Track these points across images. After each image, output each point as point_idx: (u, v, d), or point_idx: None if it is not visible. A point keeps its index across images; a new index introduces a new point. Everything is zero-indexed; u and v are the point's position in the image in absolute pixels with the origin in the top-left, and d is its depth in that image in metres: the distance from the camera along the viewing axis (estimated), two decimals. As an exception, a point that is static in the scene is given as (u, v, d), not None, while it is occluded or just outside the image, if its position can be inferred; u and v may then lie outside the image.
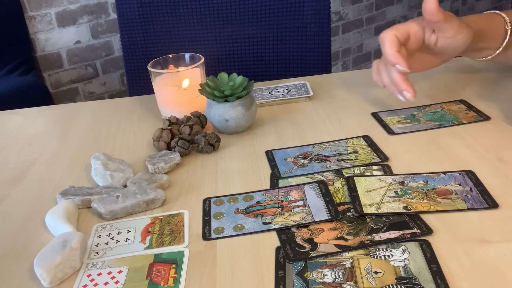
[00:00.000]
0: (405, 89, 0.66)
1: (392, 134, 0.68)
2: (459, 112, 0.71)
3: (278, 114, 0.78)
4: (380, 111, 0.74)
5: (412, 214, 0.51)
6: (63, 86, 2.16)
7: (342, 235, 0.49)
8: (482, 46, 0.70)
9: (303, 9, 1.15)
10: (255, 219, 0.53)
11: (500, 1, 3.74)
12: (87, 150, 0.73)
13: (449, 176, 0.56)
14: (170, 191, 0.60)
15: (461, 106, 0.73)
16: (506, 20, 0.69)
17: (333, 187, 0.57)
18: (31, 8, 1.99)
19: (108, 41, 2.21)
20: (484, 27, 0.68)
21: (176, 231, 0.52)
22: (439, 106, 0.73)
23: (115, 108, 0.88)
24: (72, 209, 0.56)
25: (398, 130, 0.68)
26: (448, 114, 0.71)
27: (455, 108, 0.72)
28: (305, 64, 1.19)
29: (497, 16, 0.70)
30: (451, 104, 0.74)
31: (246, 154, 0.67)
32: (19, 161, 0.72)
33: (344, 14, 2.83)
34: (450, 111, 0.72)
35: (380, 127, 0.70)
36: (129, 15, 1.19)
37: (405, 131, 0.68)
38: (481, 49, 0.71)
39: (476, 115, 0.69)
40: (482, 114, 0.69)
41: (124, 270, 0.48)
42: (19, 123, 0.86)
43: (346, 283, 0.43)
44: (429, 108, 0.73)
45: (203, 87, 0.71)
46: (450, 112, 0.71)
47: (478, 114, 0.70)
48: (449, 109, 0.72)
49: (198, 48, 1.20)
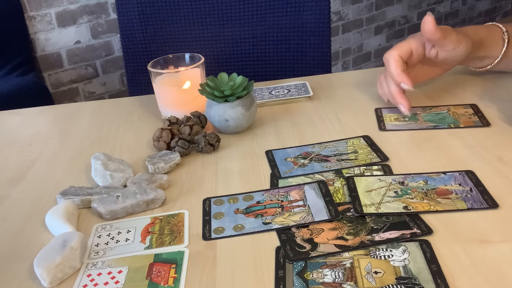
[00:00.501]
0: (400, 102, 0.70)
1: (383, 130, 0.68)
2: (462, 116, 0.70)
3: (278, 114, 0.78)
4: (384, 107, 0.74)
5: (412, 214, 0.51)
6: (63, 86, 2.16)
7: (342, 235, 0.49)
8: (482, 54, 0.74)
9: (303, 9, 1.15)
10: (255, 219, 0.53)
11: (500, 1, 3.74)
12: (87, 150, 0.73)
13: (449, 176, 0.56)
14: (170, 191, 0.60)
15: (468, 110, 0.71)
16: (503, 30, 0.73)
17: (333, 187, 0.57)
18: (31, 8, 1.99)
19: (108, 41, 2.21)
20: (483, 37, 0.72)
21: (176, 231, 0.52)
22: (445, 108, 0.73)
23: (115, 108, 0.88)
24: (72, 209, 0.56)
25: (390, 126, 0.68)
26: (451, 116, 0.70)
27: (461, 112, 0.71)
28: (305, 64, 1.19)
29: (493, 27, 0.73)
30: (459, 107, 0.73)
31: (246, 154, 0.67)
32: (19, 161, 0.72)
33: (344, 14, 2.83)
34: (454, 114, 0.71)
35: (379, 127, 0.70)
36: (129, 15, 1.19)
37: (397, 129, 0.68)
38: (481, 57, 0.75)
39: (477, 121, 0.68)
40: (485, 120, 0.68)
41: (124, 270, 0.48)
42: (19, 123, 0.86)
43: (346, 283, 0.43)
44: (434, 109, 0.73)
45: (203, 87, 0.71)
46: (454, 115, 0.70)
47: (480, 120, 0.68)
48: (454, 112, 0.71)
49: (198, 48, 1.21)
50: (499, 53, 0.73)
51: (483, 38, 0.72)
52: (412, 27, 3.21)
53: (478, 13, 3.61)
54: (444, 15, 3.38)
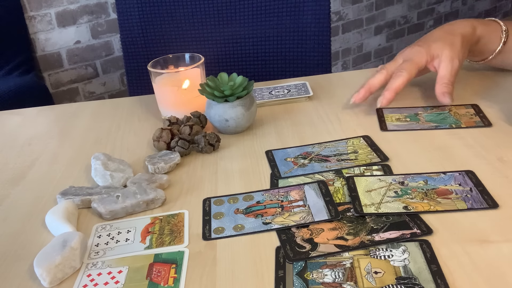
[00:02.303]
0: (361, 90, 0.74)
1: (384, 130, 0.68)
2: (464, 116, 0.69)
3: (278, 114, 0.78)
4: (385, 107, 0.74)
5: (412, 214, 0.51)
6: (63, 86, 2.16)
7: (342, 235, 0.49)
8: (478, 50, 0.76)
9: (303, 9, 1.15)
10: (255, 219, 0.53)
11: (500, 1, 3.74)
12: (87, 150, 0.73)
13: (449, 176, 0.56)
14: (170, 191, 0.60)
15: (470, 110, 0.71)
16: (502, 29, 0.74)
17: (333, 187, 0.57)
18: (31, 8, 1.99)
19: (108, 41, 2.21)
20: (481, 35, 0.74)
21: (176, 231, 0.52)
22: (447, 108, 0.73)
23: (115, 108, 0.88)
24: (72, 209, 0.56)
25: (392, 127, 0.68)
26: (452, 117, 0.70)
27: (462, 112, 0.71)
28: (305, 64, 1.19)
29: (495, 24, 0.75)
30: (461, 107, 0.72)
31: (246, 154, 0.67)
32: (19, 161, 0.72)
33: (344, 14, 2.83)
34: (456, 114, 0.71)
35: (379, 128, 0.70)
36: (129, 15, 1.19)
37: (398, 129, 0.68)
38: (477, 53, 0.77)
39: (478, 121, 0.68)
40: (486, 120, 0.68)
41: (124, 270, 0.48)
42: (19, 123, 0.86)
43: (346, 283, 0.43)
44: (436, 109, 0.73)
45: (203, 87, 0.71)
46: (455, 115, 0.70)
47: (482, 120, 0.68)
48: (456, 112, 0.71)
49: (198, 48, 1.21)
50: (495, 50, 0.75)
51: (481, 36, 0.74)
52: (412, 27, 3.21)
53: (478, 13, 3.61)
54: (444, 15, 3.37)
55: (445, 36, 0.72)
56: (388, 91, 0.71)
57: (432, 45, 0.72)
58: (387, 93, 0.71)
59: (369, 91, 0.73)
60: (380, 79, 0.73)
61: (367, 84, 0.73)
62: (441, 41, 0.71)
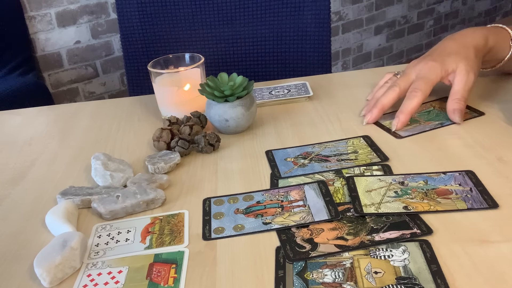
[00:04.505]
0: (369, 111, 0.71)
1: (399, 138, 0.66)
2: None
3: (278, 114, 0.78)
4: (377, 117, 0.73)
5: (412, 214, 0.51)
6: (63, 86, 2.16)
7: (342, 235, 0.49)
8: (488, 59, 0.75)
9: (303, 9, 1.15)
10: (255, 219, 0.53)
11: (500, 1, 3.74)
12: (87, 150, 0.73)
13: (449, 176, 0.56)
14: (170, 191, 0.60)
15: None
16: (511, 37, 0.73)
17: (333, 187, 0.57)
18: (31, 8, 1.99)
19: (108, 41, 2.21)
20: (492, 45, 0.73)
21: (176, 231, 0.52)
22: (429, 105, 0.73)
23: (115, 108, 0.88)
24: (72, 209, 0.56)
25: (404, 133, 0.67)
26: (443, 112, 0.71)
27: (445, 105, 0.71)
28: (305, 64, 1.19)
29: (503, 31, 0.74)
30: (440, 102, 0.74)
31: (246, 154, 0.67)
32: (19, 161, 0.72)
33: (344, 14, 2.83)
34: (442, 109, 0.72)
35: (379, 128, 0.70)
36: (129, 15, 1.19)
37: (412, 134, 0.67)
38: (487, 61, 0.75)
39: (469, 111, 0.70)
40: (476, 110, 0.69)
41: (124, 270, 0.48)
42: (19, 123, 0.86)
43: (346, 283, 0.43)
44: (421, 108, 0.73)
45: (203, 87, 0.71)
46: (443, 110, 0.71)
47: (471, 110, 0.70)
48: (440, 107, 0.72)
49: (198, 48, 1.21)
50: (504, 58, 0.74)
51: (493, 46, 0.72)
52: (412, 27, 3.21)
53: (478, 13, 3.61)
54: (444, 15, 3.38)
55: (459, 49, 0.70)
56: (403, 114, 0.68)
57: (446, 59, 0.69)
58: (402, 116, 0.68)
59: (382, 110, 0.71)
60: (393, 97, 0.70)
61: (380, 104, 0.70)
62: (456, 54, 0.69)
